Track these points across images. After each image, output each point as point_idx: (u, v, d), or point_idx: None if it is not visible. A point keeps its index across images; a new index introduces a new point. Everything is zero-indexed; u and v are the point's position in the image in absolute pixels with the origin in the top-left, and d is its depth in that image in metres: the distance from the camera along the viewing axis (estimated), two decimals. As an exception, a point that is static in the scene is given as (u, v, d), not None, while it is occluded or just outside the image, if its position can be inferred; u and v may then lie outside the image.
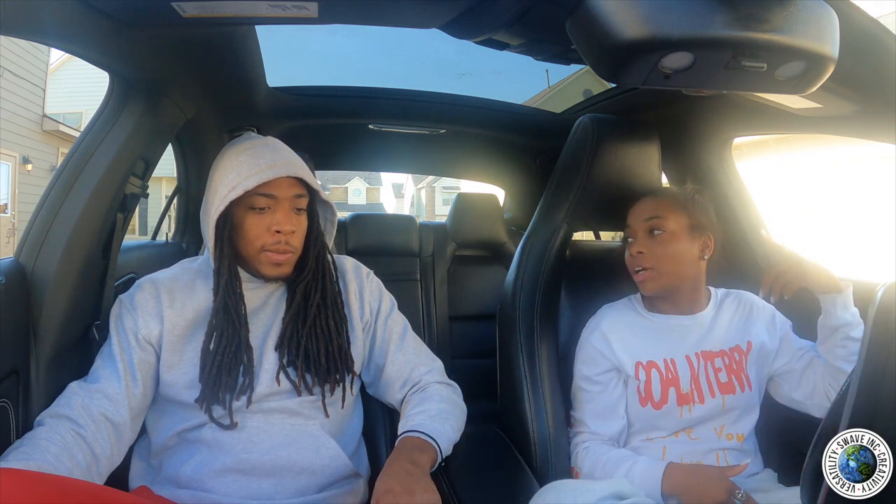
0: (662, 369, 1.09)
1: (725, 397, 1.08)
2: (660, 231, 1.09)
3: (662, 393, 1.08)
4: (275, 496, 0.92)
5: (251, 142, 0.99)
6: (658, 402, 1.08)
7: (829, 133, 1.16)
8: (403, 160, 2.73)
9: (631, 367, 1.10)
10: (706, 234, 1.12)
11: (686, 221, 1.10)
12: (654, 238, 1.10)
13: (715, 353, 1.11)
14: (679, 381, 1.08)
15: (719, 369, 1.09)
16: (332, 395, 1.00)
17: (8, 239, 8.88)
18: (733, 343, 1.12)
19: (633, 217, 1.14)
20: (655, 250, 1.09)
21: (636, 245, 1.11)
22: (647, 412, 1.09)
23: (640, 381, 1.09)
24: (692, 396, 1.07)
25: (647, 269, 1.09)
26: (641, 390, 1.09)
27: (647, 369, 1.09)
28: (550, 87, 2.50)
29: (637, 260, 1.11)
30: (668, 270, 1.09)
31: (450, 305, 2.23)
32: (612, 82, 1.01)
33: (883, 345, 0.52)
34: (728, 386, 1.08)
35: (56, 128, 10.30)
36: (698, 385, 1.08)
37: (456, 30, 0.87)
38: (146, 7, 0.80)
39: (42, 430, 0.83)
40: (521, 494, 0.98)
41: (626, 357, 1.10)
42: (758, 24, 0.65)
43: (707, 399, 1.07)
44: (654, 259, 1.09)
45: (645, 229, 1.11)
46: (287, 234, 0.96)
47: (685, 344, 1.11)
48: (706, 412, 1.08)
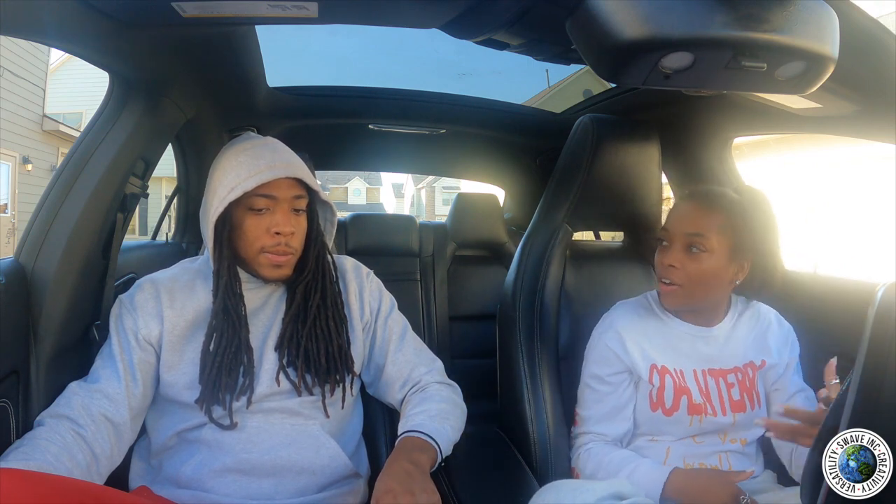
0: (676, 377, 1.07)
1: (737, 415, 1.05)
2: (700, 250, 1.00)
3: (675, 400, 1.05)
4: (275, 496, 0.92)
5: (250, 142, 0.99)
6: (669, 409, 1.06)
7: (829, 133, 1.16)
8: (403, 160, 2.73)
9: (645, 371, 1.07)
10: (746, 258, 1.03)
11: (729, 244, 1.01)
12: (692, 255, 1.01)
13: (728, 370, 1.08)
14: (691, 392, 1.06)
15: (732, 385, 1.06)
16: (332, 395, 1.00)
17: (8, 239, 8.88)
18: (747, 359, 1.08)
19: (675, 223, 1.05)
20: (689, 267, 1.01)
21: (670, 256, 1.03)
22: (656, 417, 1.07)
23: (653, 385, 1.06)
24: (704, 408, 1.05)
25: (676, 285, 1.03)
26: (654, 395, 1.06)
27: (661, 374, 1.06)
28: (550, 87, 2.50)
29: (668, 272, 1.03)
30: (696, 291, 1.03)
31: (450, 305, 2.23)
32: (612, 82, 1.01)
33: (883, 345, 0.52)
34: (740, 404, 1.06)
35: (56, 128, 10.30)
36: (710, 400, 1.06)
37: (456, 30, 0.87)
38: (146, 7, 0.80)
39: (42, 431, 0.83)
40: (521, 494, 0.98)
41: (640, 360, 1.07)
42: (758, 24, 0.65)
43: (719, 414, 1.05)
44: (685, 277, 1.01)
45: (684, 243, 1.02)
46: (287, 236, 0.96)
47: (696, 358, 1.08)
48: (716, 425, 1.06)
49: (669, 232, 1.05)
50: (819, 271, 1.23)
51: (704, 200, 1.05)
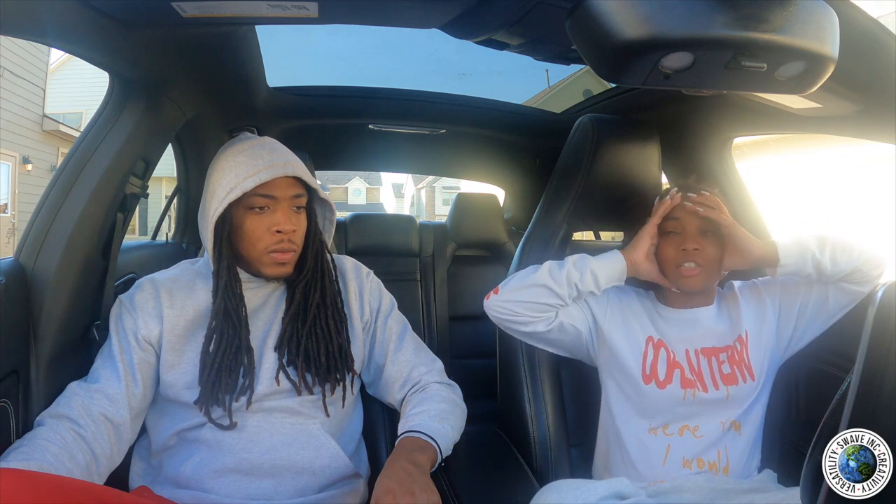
0: (669, 352, 1.11)
1: (729, 388, 1.09)
2: (713, 233, 1.10)
3: (668, 373, 1.09)
4: (275, 496, 0.92)
5: (248, 142, 0.99)
6: (662, 381, 1.09)
7: (829, 133, 1.16)
8: (403, 160, 2.73)
9: (643, 339, 1.12)
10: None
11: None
12: (707, 238, 1.10)
13: (720, 349, 1.12)
14: (683, 368, 1.10)
15: (723, 362, 1.11)
16: (333, 394, 1.00)
17: (8, 239, 8.88)
18: (735, 335, 1.13)
19: (685, 213, 1.12)
20: (708, 250, 1.10)
21: (691, 241, 1.10)
22: (650, 391, 1.09)
23: (646, 358, 1.10)
24: (695, 384, 1.09)
25: (699, 267, 1.10)
26: (647, 367, 1.10)
27: (656, 347, 1.11)
28: (550, 87, 2.50)
29: (692, 256, 1.10)
30: (713, 271, 1.11)
31: (450, 305, 2.23)
32: (612, 82, 1.01)
33: (883, 345, 0.52)
34: (731, 377, 1.09)
35: (56, 128, 10.30)
36: (701, 378, 1.09)
37: (456, 30, 0.87)
38: (146, 7, 0.80)
39: (42, 431, 0.83)
40: (521, 494, 0.98)
41: (639, 329, 1.13)
42: (758, 24, 0.65)
43: (711, 389, 1.08)
44: (706, 259, 1.10)
45: (698, 228, 1.11)
46: (289, 234, 0.96)
47: (687, 339, 1.13)
48: (710, 400, 1.08)
49: (681, 220, 1.12)
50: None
51: (705, 189, 1.15)
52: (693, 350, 1.12)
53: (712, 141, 1.46)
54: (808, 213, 5.44)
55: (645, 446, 1.09)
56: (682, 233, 1.12)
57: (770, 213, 1.48)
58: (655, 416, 1.10)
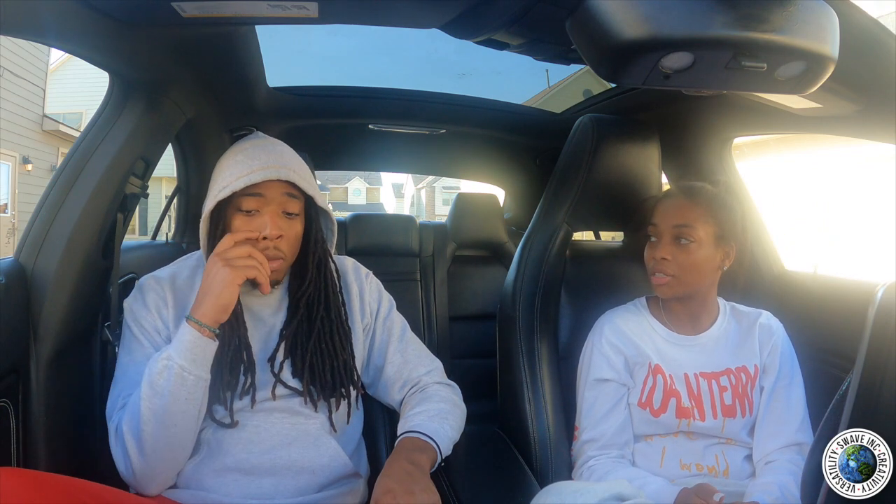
0: (667, 379, 1.08)
1: (726, 420, 1.06)
2: (688, 241, 1.05)
3: (663, 402, 1.06)
4: (274, 496, 0.92)
5: (251, 142, 0.98)
6: (657, 410, 1.07)
7: (829, 133, 1.16)
8: (403, 160, 2.73)
9: (642, 368, 1.09)
10: (730, 244, 1.08)
11: (714, 231, 1.06)
12: (681, 246, 1.06)
13: (720, 373, 1.08)
14: (680, 395, 1.07)
15: (724, 388, 1.07)
16: (338, 409, 0.99)
17: (8, 239, 8.88)
18: (740, 363, 1.09)
19: (662, 217, 1.09)
20: (680, 258, 1.06)
21: (661, 250, 1.07)
22: (644, 415, 1.08)
23: (646, 385, 1.08)
24: (692, 413, 1.06)
25: (669, 276, 1.06)
26: (644, 394, 1.08)
27: (654, 374, 1.08)
28: (550, 87, 2.50)
29: (660, 265, 1.07)
30: (688, 279, 1.06)
31: (450, 305, 2.23)
32: (612, 82, 1.01)
33: (883, 345, 0.52)
34: (731, 409, 1.06)
35: (56, 128, 10.30)
36: (700, 404, 1.06)
37: (456, 30, 0.87)
38: (146, 7, 0.80)
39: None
40: (521, 494, 0.98)
41: (636, 357, 1.09)
42: (758, 24, 0.65)
43: (708, 418, 1.06)
44: (677, 267, 1.06)
45: (672, 235, 1.07)
46: (273, 240, 0.93)
47: (686, 363, 1.09)
48: (704, 429, 1.06)
49: (658, 227, 1.10)
50: (818, 271, 1.24)
51: (687, 193, 1.10)
52: (693, 374, 1.08)
53: (712, 141, 1.46)
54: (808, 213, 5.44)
55: (640, 450, 1.09)
56: (657, 240, 1.09)
57: (770, 214, 1.48)
58: (649, 434, 1.09)
